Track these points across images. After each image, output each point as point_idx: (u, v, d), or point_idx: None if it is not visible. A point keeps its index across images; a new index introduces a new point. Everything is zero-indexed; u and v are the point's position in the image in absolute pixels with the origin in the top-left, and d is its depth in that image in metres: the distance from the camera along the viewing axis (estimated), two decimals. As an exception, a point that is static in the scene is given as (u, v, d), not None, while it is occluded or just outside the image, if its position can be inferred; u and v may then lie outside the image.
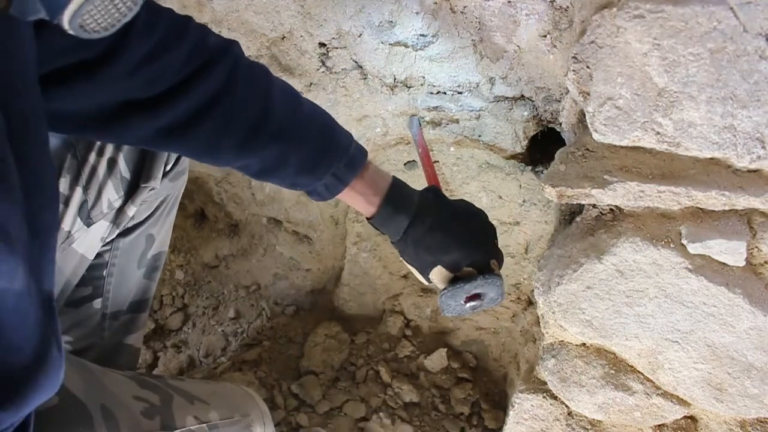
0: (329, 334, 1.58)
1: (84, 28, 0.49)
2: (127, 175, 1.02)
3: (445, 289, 0.90)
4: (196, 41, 0.78)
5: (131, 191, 1.03)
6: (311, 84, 1.28)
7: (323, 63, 1.25)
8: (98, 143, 0.99)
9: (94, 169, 0.99)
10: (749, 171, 0.88)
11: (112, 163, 1.00)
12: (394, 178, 0.94)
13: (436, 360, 1.54)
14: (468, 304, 0.92)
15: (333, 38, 1.20)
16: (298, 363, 1.56)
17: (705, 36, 0.81)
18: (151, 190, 1.05)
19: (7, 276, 0.51)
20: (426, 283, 0.94)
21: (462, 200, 0.97)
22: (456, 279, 0.90)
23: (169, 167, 1.07)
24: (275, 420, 1.32)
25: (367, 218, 0.94)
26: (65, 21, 0.48)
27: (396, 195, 0.92)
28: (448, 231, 0.90)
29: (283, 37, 1.23)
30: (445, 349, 1.54)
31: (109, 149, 1.00)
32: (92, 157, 0.99)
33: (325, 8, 1.15)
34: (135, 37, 0.72)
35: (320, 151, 0.87)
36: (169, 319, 1.65)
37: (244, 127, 0.82)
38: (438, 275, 0.91)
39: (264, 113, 0.83)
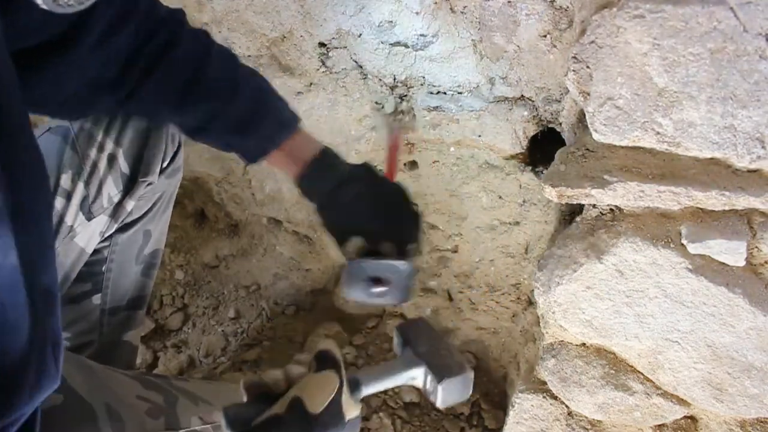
0: (329, 334, 1.58)
1: (57, 2, 0.49)
2: (126, 170, 1.04)
3: (351, 260, 0.88)
4: (148, 9, 0.82)
5: (130, 186, 1.05)
6: (311, 84, 1.28)
7: (323, 63, 1.25)
8: (98, 139, 1.01)
9: (95, 165, 1.00)
10: (749, 171, 0.88)
11: (112, 159, 1.02)
12: (327, 147, 0.95)
13: (436, 360, 1.54)
14: (373, 289, 0.89)
15: (333, 38, 1.20)
16: (298, 363, 1.56)
17: (705, 36, 0.80)
18: (148, 185, 1.07)
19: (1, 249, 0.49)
20: (341, 254, 0.92)
21: (396, 184, 0.97)
22: (369, 255, 0.88)
23: (165, 164, 1.10)
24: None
25: (295, 182, 0.94)
26: None
27: (325, 160, 0.93)
28: (372, 202, 0.91)
29: (283, 37, 1.23)
30: (445, 349, 1.54)
31: (109, 145, 1.02)
32: (93, 152, 1.00)
33: (325, 8, 1.15)
34: (100, 7, 0.74)
35: (252, 112, 0.89)
36: (169, 319, 1.65)
37: (180, 84, 0.86)
38: (353, 246, 0.90)
39: (199, 71, 0.86)
